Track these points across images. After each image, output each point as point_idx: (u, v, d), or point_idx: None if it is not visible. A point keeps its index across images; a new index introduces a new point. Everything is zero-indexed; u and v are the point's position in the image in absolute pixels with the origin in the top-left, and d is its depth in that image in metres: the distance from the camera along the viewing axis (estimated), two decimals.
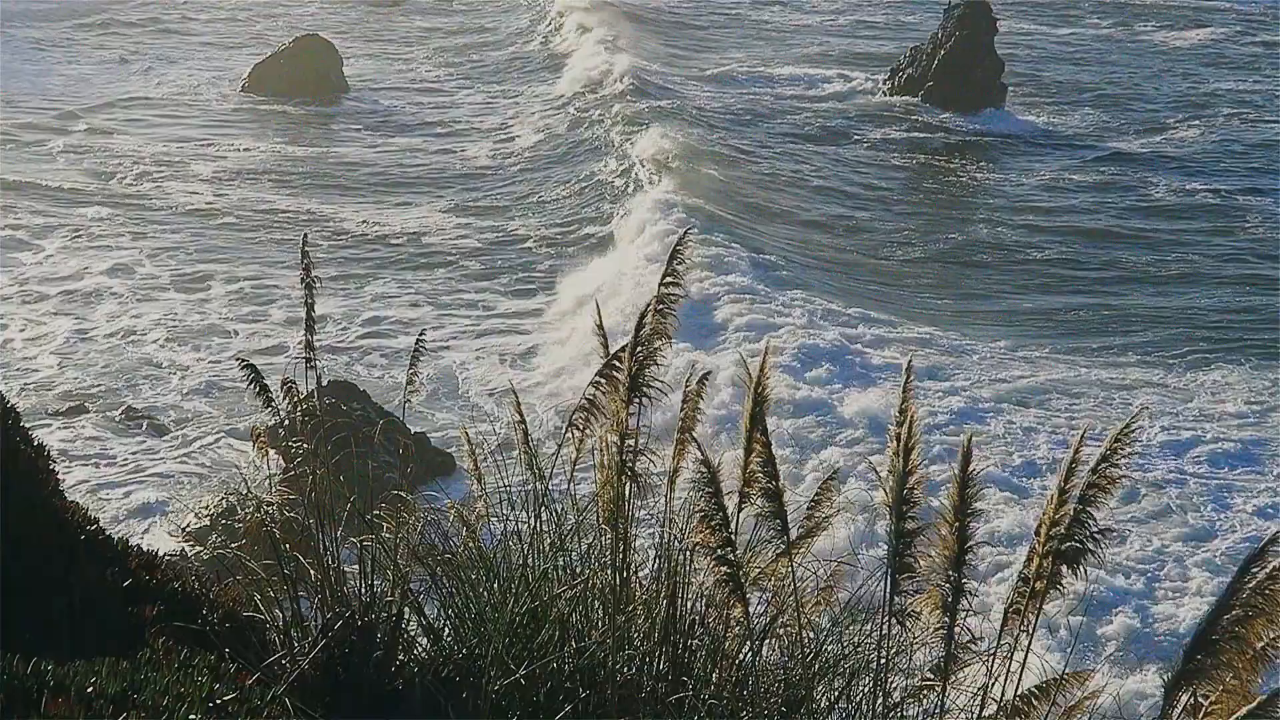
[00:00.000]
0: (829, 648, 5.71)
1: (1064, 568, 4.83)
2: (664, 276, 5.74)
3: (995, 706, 5.21)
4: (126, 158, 33.18)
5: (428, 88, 42.74)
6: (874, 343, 22.96)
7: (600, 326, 6.19)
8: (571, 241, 28.69)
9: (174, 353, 22.18)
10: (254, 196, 30.99)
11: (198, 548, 14.39)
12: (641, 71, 43.02)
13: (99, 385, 20.81)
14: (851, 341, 22.86)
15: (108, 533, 5.50)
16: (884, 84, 42.61)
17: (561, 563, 5.77)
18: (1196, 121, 40.74)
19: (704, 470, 4.99)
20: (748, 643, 5.47)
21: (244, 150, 34.72)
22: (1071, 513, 4.81)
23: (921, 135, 38.60)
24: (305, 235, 7.32)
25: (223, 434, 19.21)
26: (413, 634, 5.55)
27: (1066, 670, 5.56)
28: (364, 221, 29.56)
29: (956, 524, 4.80)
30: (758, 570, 5.49)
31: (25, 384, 20.62)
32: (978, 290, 27.02)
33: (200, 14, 52.10)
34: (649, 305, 5.64)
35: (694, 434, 5.72)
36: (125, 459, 18.54)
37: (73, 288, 24.88)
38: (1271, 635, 4.60)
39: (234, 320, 23.66)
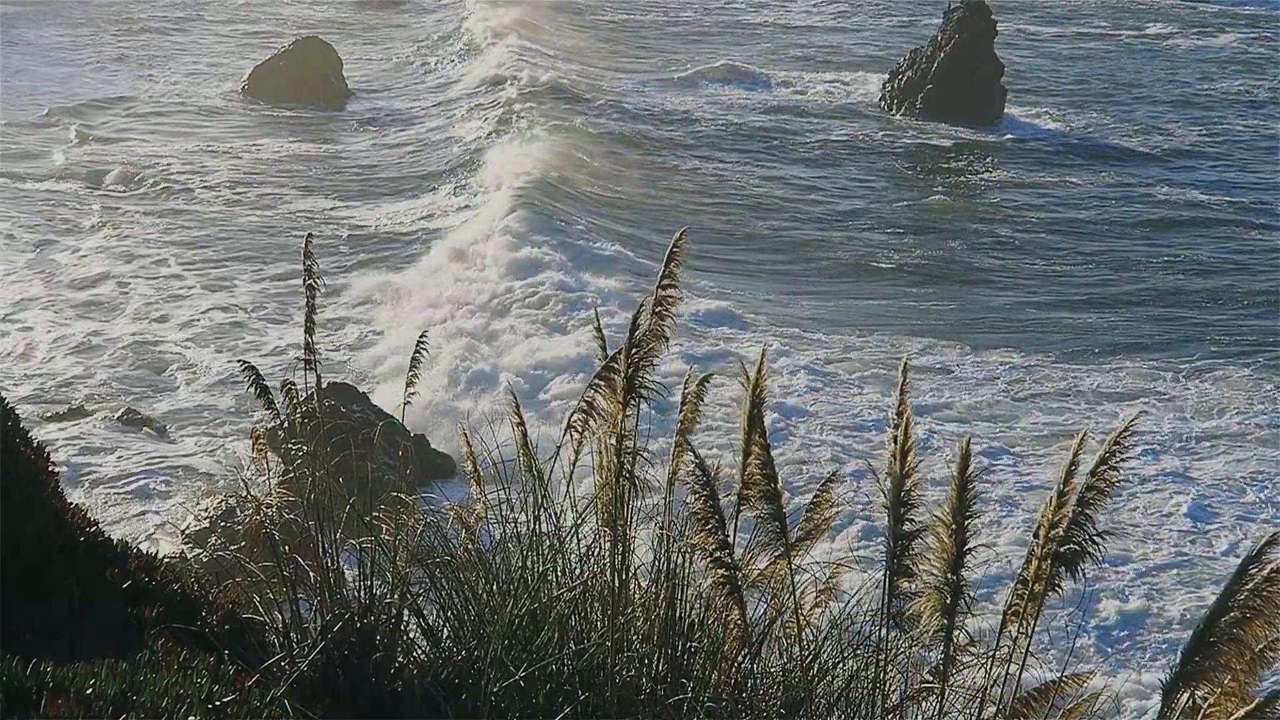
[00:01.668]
0: (828, 650, 5.72)
1: (1063, 570, 4.84)
2: (661, 278, 5.74)
3: (994, 709, 5.22)
4: (132, 159, 33.25)
5: (416, 89, 42.87)
6: (859, 368, 22.72)
7: (599, 330, 6.21)
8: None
9: (195, 353, 22.21)
10: (273, 194, 31.13)
11: (197, 550, 14.40)
12: (588, 76, 43.10)
13: (110, 386, 20.81)
14: (830, 374, 22.54)
15: (107, 534, 5.50)
16: (883, 87, 42.61)
17: (560, 565, 5.78)
18: (1200, 125, 40.72)
19: (699, 473, 5.00)
20: (746, 645, 5.47)
21: (255, 153, 34.76)
22: (1070, 515, 4.81)
23: (920, 140, 38.61)
24: (309, 237, 7.32)
25: (227, 436, 19.23)
26: (412, 636, 5.56)
27: (1065, 673, 5.57)
28: (377, 219, 29.75)
29: (955, 526, 4.80)
30: (756, 572, 5.49)
31: (38, 385, 20.64)
32: (975, 299, 26.89)
33: (187, 14, 52.27)
34: (641, 307, 5.65)
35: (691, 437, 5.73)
36: (126, 460, 18.54)
37: (94, 288, 24.93)
38: (1270, 637, 4.60)
39: (259, 319, 23.70)
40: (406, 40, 50.36)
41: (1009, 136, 39.04)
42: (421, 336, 6.89)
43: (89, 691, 3.94)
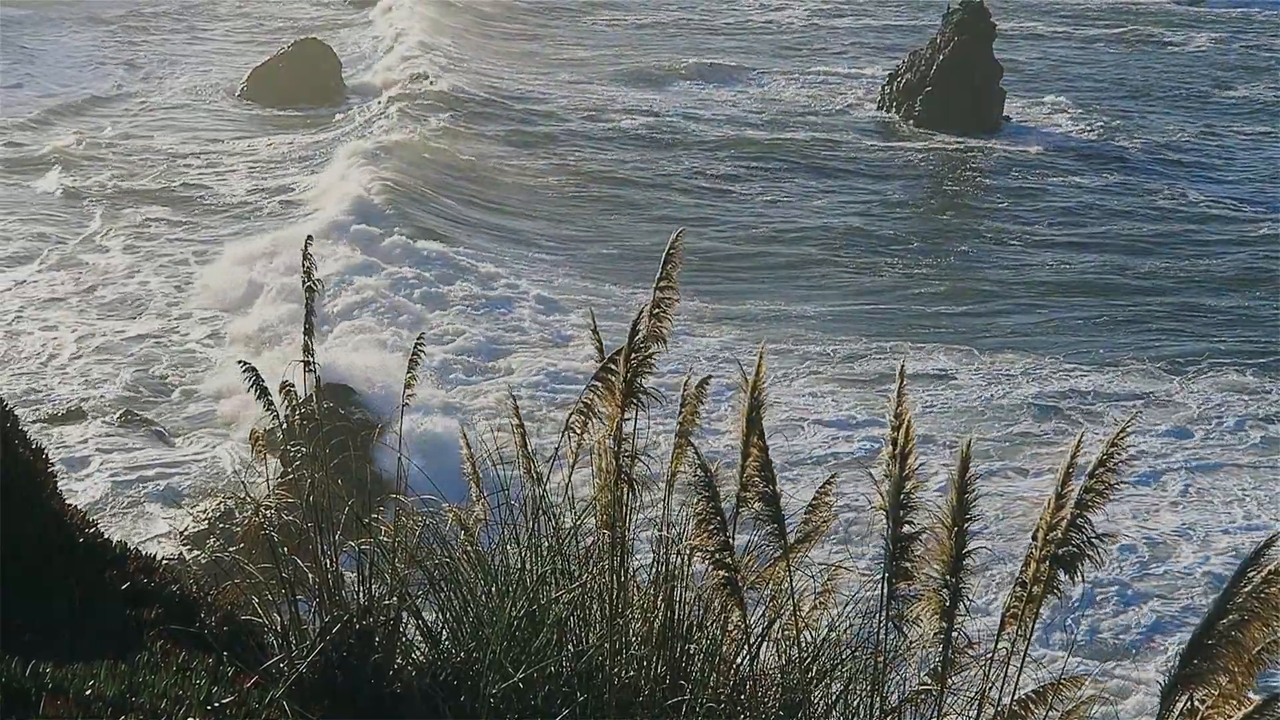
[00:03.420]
0: (826, 652, 5.72)
1: (1060, 572, 4.84)
2: (658, 280, 5.74)
3: (992, 711, 5.22)
4: (139, 159, 33.27)
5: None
6: (859, 375, 22.65)
7: (595, 331, 6.21)
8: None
9: (216, 353, 22.22)
10: (288, 184, 31.21)
11: (196, 551, 14.40)
12: (576, 80, 43.07)
13: (133, 389, 20.77)
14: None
15: (106, 535, 5.50)
16: (882, 90, 42.56)
17: (559, 566, 5.77)
18: (1204, 128, 40.68)
19: (701, 474, 5.00)
20: (745, 646, 5.47)
21: (255, 154, 34.78)
22: (1068, 517, 4.82)
23: (919, 143, 38.60)
24: (308, 239, 7.30)
25: (228, 438, 19.20)
26: (411, 637, 5.56)
27: (1063, 674, 5.57)
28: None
29: (954, 528, 4.80)
30: (755, 574, 5.49)
31: (45, 386, 20.61)
32: (975, 303, 26.78)
33: (185, 17, 52.34)
34: (643, 310, 5.65)
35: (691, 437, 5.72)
36: (125, 462, 18.52)
37: (112, 286, 24.91)
38: (1268, 639, 4.60)
39: (284, 316, 23.66)
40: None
41: (1008, 139, 39.03)
42: (419, 339, 6.87)
43: (88, 692, 3.94)
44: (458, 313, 23.89)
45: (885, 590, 4.96)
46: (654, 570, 5.71)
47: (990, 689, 5.14)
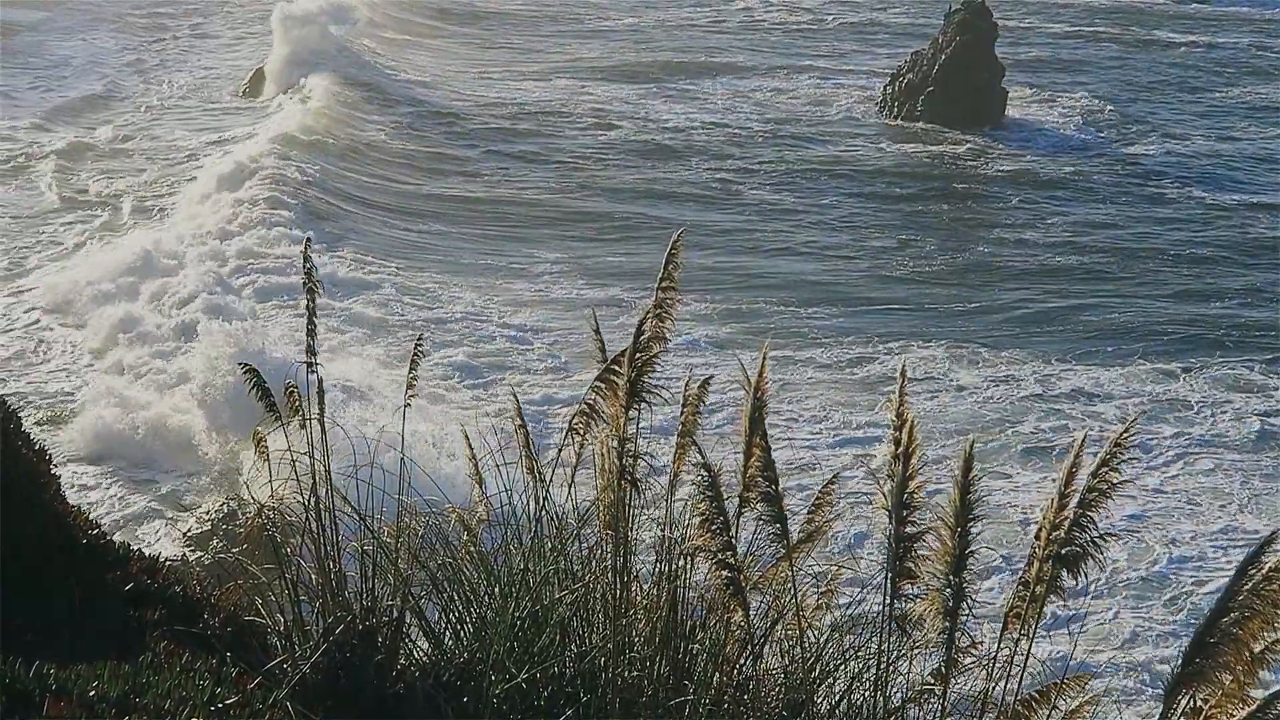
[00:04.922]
0: (829, 652, 5.72)
1: (1064, 572, 4.84)
2: (660, 281, 5.74)
3: (995, 711, 5.22)
4: (151, 158, 33.33)
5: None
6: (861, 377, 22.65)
7: (597, 332, 6.20)
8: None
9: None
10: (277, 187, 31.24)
11: (199, 552, 14.41)
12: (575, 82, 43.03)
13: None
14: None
15: (109, 537, 5.51)
16: (884, 90, 42.45)
17: (562, 566, 5.77)
18: (1208, 128, 40.58)
19: (704, 474, 5.00)
20: (748, 647, 5.47)
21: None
22: (1071, 516, 4.82)
23: (920, 144, 38.50)
24: (308, 239, 7.31)
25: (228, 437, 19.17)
26: (414, 638, 5.56)
27: (1066, 674, 5.57)
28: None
29: (958, 528, 4.80)
30: (758, 574, 5.50)
31: (49, 389, 20.60)
32: (977, 304, 26.66)
33: (185, 20, 52.34)
34: (648, 311, 5.65)
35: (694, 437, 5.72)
36: (126, 463, 18.51)
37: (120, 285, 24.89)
38: (1269, 637, 4.60)
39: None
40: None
41: (1012, 139, 38.93)
42: (418, 341, 6.86)
43: (91, 693, 3.95)
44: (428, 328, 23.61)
45: (888, 590, 4.96)
46: (656, 570, 5.71)
47: (993, 689, 5.13)
